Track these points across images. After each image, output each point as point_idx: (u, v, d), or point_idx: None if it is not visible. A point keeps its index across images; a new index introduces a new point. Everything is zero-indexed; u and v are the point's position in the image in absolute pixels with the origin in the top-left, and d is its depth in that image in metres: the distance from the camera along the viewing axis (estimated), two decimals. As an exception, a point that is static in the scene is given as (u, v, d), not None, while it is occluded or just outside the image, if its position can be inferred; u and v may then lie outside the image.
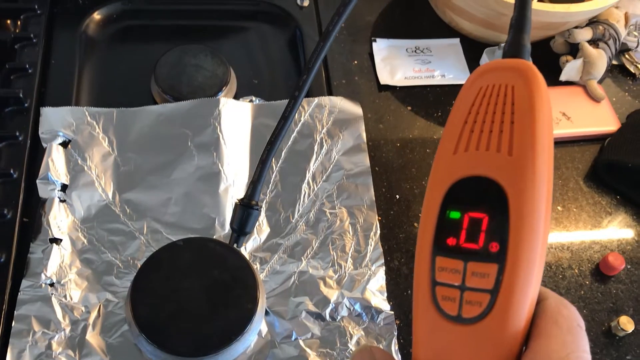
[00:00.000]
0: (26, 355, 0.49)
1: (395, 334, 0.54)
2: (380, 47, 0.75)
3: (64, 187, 0.58)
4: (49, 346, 0.49)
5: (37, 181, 0.57)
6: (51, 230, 0.54)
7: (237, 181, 0.60)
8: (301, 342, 0.52)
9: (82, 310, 0.51)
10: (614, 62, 0.78)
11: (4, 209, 0.56)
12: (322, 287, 0.55)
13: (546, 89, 0.28)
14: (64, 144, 0.60)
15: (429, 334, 0.29)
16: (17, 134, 0.60)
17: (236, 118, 0.64)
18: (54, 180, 0.57)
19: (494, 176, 0.27)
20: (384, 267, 0.57)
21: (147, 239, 0.56)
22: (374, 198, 0.61)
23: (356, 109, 0.67)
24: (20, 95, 0.62)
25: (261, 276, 0.55)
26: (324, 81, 0.71)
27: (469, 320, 0.27)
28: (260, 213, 0.45)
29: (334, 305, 0.54)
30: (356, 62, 0.74)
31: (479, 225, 0.28)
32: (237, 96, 0.67)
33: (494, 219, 0.27)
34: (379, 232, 0.59)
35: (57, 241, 0.54)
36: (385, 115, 0.70)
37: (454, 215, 0.28)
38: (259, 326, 0.52)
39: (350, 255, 0.57)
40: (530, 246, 0.27)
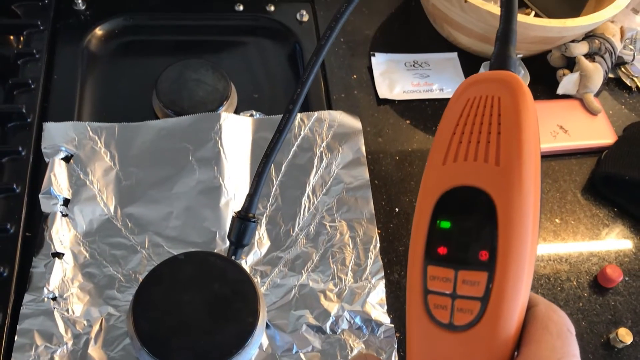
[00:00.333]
0: (29, 370, 0.49)
1: (396, 346, 0.54)
2: (379, 61, 0.76)
3: (66, 202, 0.58)
4: (52, 360, 0.50)
5: (40, 196, 0.57)
6: (53, 244, 0.55)
7: (237, 195, 0.61)
8: (302, 356, 0.53)
9: (84, 324, 0.52)
10: (610, 76, 0.79)
11: (7, 223, 0.56)
12: (322, 300, 0.55)
13: (532, 99, 0.29)
14: (66, 159, 0.61)
15: (422, 342, 0.29)
16: (20, 148, 0.61)
17: (237, 132, 0.64)
18: (57, 195, 0.57)
19: (482, 186, 0.28)
20: (383, 280, 0.57)
21: (148, 253, 0.57)
22: (374, 211, 0.61)
23: (355, 123, 0.67)
24: (23, 110, 0.62)
25: (262, 289, 0.56)
26: (323, 95, 0.72)
27: (460, 328, 0.28)
28: (257, 225, 0.45)
29: (334, 318, 0.54)
30: (355, 76, 0.74)
31: (468, 234, 0.28)
32: (237, 111, 0.68)
33: (483, 228, 0.28)
34: (378, 245, 0.59)
35: (59, 255, 0.55)
36: (384, 129, 0.70)
37: (445, 224, 0.29)
38: (260, 340, 0.52)
39: (350, 268, 0.58)
40: (519, 254, 0.27)
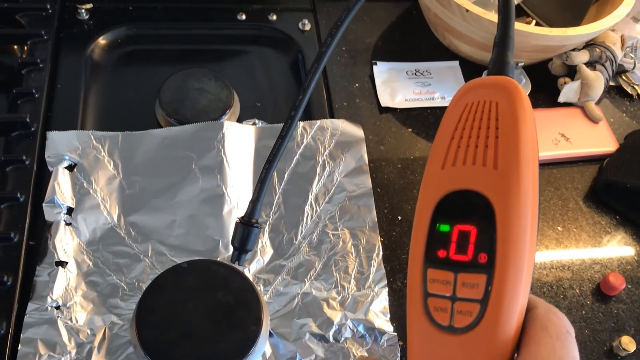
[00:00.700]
0: (32, 378, 0.49)
1: (399, 355, 0.54)
2: (381, 69, 0.76)
3: (69, 210, 0.58)
4: (55, 369, 0.50)
5: (43, 204, 0.57)
6: (57, 253, 0.55)
7: (240, 203, 0.61)
8: (305, 364, 0.53)
9: (87, 333, 0.52)
10: (611, 84, 0.80)
11: (11, 232, 0.56)
12: (325, 308, 0.55)
13: (529, 104, 0.29)
14: (70, 168, 0.61)
15: (422, 344, 0.30)
16: (24, 157, 0.61)
17: (240, 141, 0.64)
18: (60, 204, 0.58)
19: (480, 189, 0.28)
20: (386, 289, 0.57)
21: (151, 262, 0.57)
22: (376, 219, 0.62)
23: (358, 131, 0.68)
24: (27, 119, 0.63)
25: (265, 298, 0.56)
26: (325, 104, 0.72)
27: (460, 330, 0.28)
28: (260, 231, 0.46)
29: (337, 326, 0.54)
30: (357, 84, 0.75)
31: (467, 238, 0.29)
32: (240, 119, 0.68)
33: (482, 231, 0.28)
34: (381, 253, 0.59)
35: (62, 264, 0.55)
36: (386, 137, 0.71)
37: (444, 228, 0.29)
38: (263, 348, 0.52)
39: (353, 276, 0.58)
40: (518, 256, 0.28)
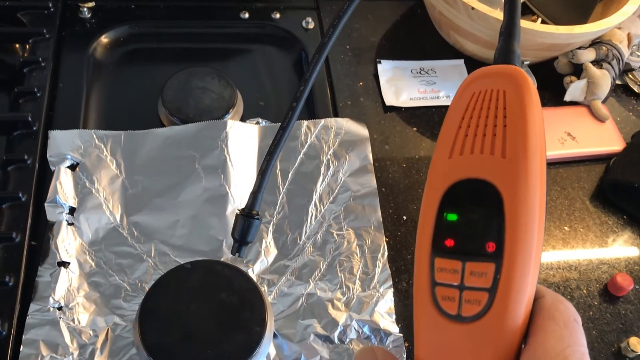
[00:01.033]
0: (34, 380, 0.48)
1: (405, 356, 0.53)
2: (385, 68, 0.76)
3: (72, 210, 0.58)
4: (57, 371, 0.49)
5: (45, 204, 0.57)
6: (59, 253, 0.54)
7: (244, 203, 0.60)
8: (310, 365, 0.52)
9: (90, 334, 0.51)
10: (618, 82, 0.79)
11: (13, 232, 0.56)
12: (330, 309, 0.55)
13: (536, 93, 0.29)
14: (72, 167, 0.60)
15: (430, 334, 0.29)
16: (26, 157, 0.60)
17: (243, 140, 0.64)
18: (62, 203, 0.57)
19: (488, 178, 0.28)
20: (392, 289, 0.57)
21: (154, 262, 0.56)
22: (381, 219, 0.61)
23: (362, 130, 0.67)
24: (29, 118, 0.62)
25: (269, 298, 0.55)
26: (329, 103, 0.71)
27: (468, 319, 0.28)
28: (260, 222, 0.46)
29: (342, 327, 0.54)
30: (361, 83, 0.74)
31: (475, 226, 0.28)
32: (243, 118, 0.68)
33: (490, 220, 0.28)
34: (386, 253, 0.59)
35: (65, 264, 0.54)
36: (391, 136, 0.70)
37: (451, 217, 0.29)
38: (267, 349, 0.51)
39: (358, 277, 0.57)
40: (526, 245, 0.27)
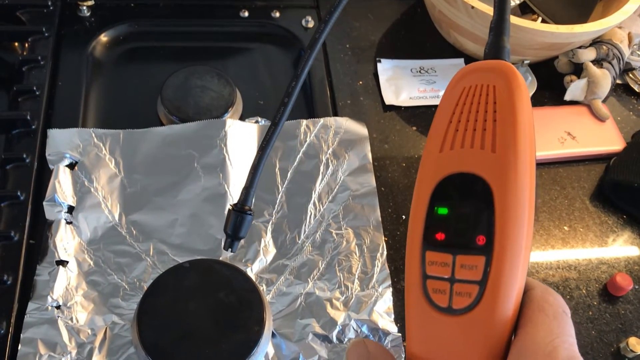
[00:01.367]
0: (32, 379, 0.48)
1: (403, 356, 0.53)
2: (385, 67, 0.75)
3: (70, 209, 0.58)
4: (55, 369, 0.49)
5: (44, 203, 0.57)
6: (57, 252, 0.54)
7: (243, 202, 0.60)
8: (308, 365, 0.52)
9: (88, 333, 0.51)
10: (618, 82, 0.79)
11: (11, 231, 0.56)
12: (329, 308, 0.55)
13: (526, 87, 0.30)
14: (71, 166, 0.60)
15: (421, 326, 0.30)
16: (24, 156, 0.60)
17: (242, 139, 0.64)
18: (61, 202, 0.57)
19: (479, 172, 0.29)
20: (391, 289, 0.57)
21: (153, 261, 0.56)
22: (380, 219, 0.61)
23: (362, 130, 0.67)
24: (28, 117, 0.62)
25: (267, 298, 0.55)
26: (329, 102, 0.71)
27: (459, 311, 0.28)
28: (253, 218, 0.46)
29: (341, 327, 0.54)
30: (361, 82, 0.74)
31: (466, 220, 0.29)
32: (242, 117, 0.68)
33: (480, 213, 0.28)
34: (385, 253, 0.59)
35: (63, 263, 0.54)
36: (390, 136, 0.70)
37: (442, 211, 0.29)
38: (266, 349, 0.51)
39: (357, 276, 0.57)
40: (516, 238, 0.28)
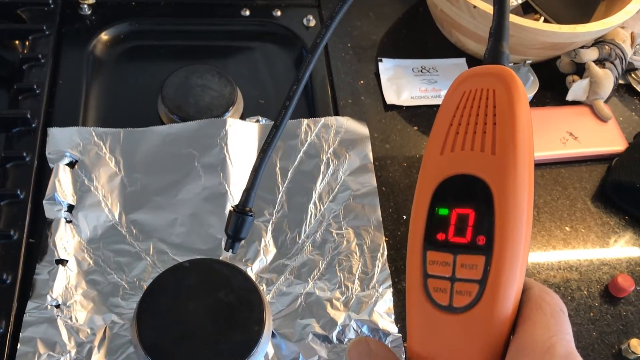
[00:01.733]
0: (31, 378, 0.48)
1: (404, 357, 0.53)
2: (387, 66, 0.75)
3: (70, 208, 0.58)
4: (54, 369, 0.49)
5: (44, 202, 0.57)
6: (57, 251, 0.54)
7: (243, 202, 0.60)
8: (308, 365, 0.52)
9: (87, 332, 0.51)
10: (621, 82, 0.78)
11: (11, 229, 0.56)
12: (329, 309, 0.54)
13: (524, 91, 0.31)
14: (71, 165, 0.60)
15: (422, 324, 0.30)
16: (24, 154, 0.60)
17: (243, 138, 0.64)
18: (61, 201, 0.57)
19: (479, 174, 0.29)
20: (391, 289, 0.56)
21: (153, 260, 0.56)
22: (381, 219, 0.61)
23: (362, 129, 0.67)
24: (28, 115, 0.62)
25: (267, 297, 0.55)
26: (330, 101, 0.71)
27: (459, 310, 0.29)
28: (254, 219, 0.46)
29: (341, 327, 0.53)
30: (362, 81, 0.74)
31: (466, 221, 0.29)
32: (243, 116, 0.68)
33: (480, 214, 0.29)
34: (386, 253, 0.58)
35: (63, 262, 0.54)
36: (391, 135, 0.70)
37: (443, 211, 0.30)
38: (266, 348, 0.51)
39: (357, 276, 0.57)
40: (515, 238, 0.28)
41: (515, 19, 0.65)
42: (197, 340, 0.49)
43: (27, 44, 0.70)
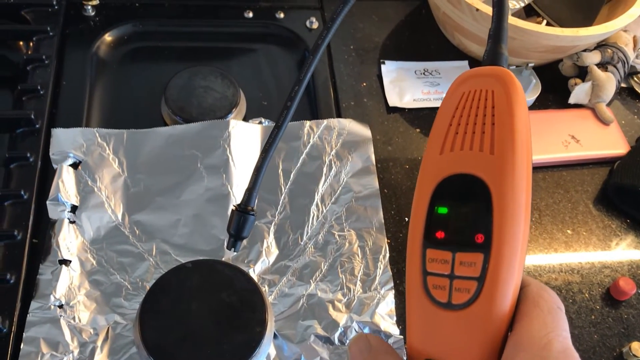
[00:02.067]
0: (34, 378, 0.48)
1: (405, 359, 0.53)
2: (389, 69, 0.75)
3: (73, 208, 0.58)
4: (57, 369, 0.49)
5: (47, 202, 0.57)
6: (60, 251, 0.54)
7: (246, 203, 0.60)
8: (310, 366, 0.52)
9: (90, 333, 0.51)
10: (623, 85, 0.78)
11: (14, 230, 0.56)
12: (331, 310, 0.55)
13: (523, 92, 0.31)
14: (75, 165, 0.60)
15: (422, 321, 0.31)
16: (28, 155, 0.60)
17: (246, 140, 0.64)
18: (64, 202, 0.57)
19: (477, 173, 0.30)
20: (393, 291, 0.56)
21: (156, 261, 0.56)
22: (383, 220, 0.61)
23: (365, 131, 0.67)
24: (32, 116, 0.62)
25: (270, 299, 0.55)
26: (332, 103, 0.71)
27: (458, 306, 0.30)
28: (255, 219, 0.46)
29: (342, 329, 0.54)
30: (365, 84, 0.74)
31: (465, 219, 0.30)
32: (246, 118, 0.68)
33: (478, 213, 0.30)
34: (388, 255, 0.59)
35: (66, 262, 0.54)
36: (394, 137, 0.70)
37: (442, 210, 0.31)
38: (268, 350, 0.51)
39: (359, 278, 0.57)
40: (513, 236, 0.29)
41: (517, 22, 0.66)
42: (199, 341, 0.49)
43: (31, 44, 0.70)
